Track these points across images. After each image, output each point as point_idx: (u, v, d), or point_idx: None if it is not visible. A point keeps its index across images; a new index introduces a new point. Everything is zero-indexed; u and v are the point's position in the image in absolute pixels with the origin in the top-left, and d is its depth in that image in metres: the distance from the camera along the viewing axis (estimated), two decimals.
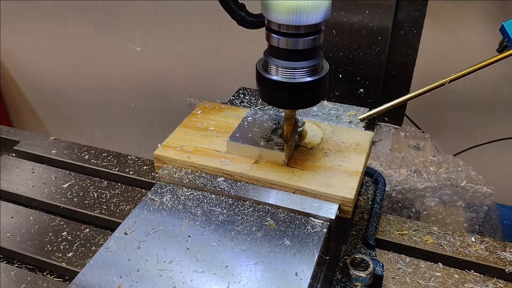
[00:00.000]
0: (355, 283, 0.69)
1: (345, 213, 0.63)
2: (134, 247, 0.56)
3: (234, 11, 0.70)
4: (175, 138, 0.73)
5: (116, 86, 1.97)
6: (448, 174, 1.20)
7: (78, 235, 0.82)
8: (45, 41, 1.96)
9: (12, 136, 1.07)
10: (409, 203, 1.20)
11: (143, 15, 1.74)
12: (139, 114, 2.00)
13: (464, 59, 1.38)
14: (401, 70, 1.00)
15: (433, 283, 0.75)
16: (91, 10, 1.78)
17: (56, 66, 2.04)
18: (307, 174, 0.65)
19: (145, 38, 1.80)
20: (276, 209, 0.62)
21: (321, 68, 0.62)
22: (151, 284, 0.52)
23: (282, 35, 0.57)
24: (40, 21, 1.90)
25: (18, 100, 2.24)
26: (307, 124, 0.74)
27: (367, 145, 0.71)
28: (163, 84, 1.88)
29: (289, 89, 0.60)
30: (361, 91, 0.99)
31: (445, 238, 0.82)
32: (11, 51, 2.07)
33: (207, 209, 0.62)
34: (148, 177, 0.94)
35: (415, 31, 0.94)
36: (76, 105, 2.14)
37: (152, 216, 0.61)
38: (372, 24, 0.93)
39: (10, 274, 0.76)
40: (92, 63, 1.97)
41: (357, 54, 0.97)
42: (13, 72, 2.16)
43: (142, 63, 1.87)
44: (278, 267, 0.54)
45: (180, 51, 1.77)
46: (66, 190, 0.91)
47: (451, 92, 1.44)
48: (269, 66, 0.60)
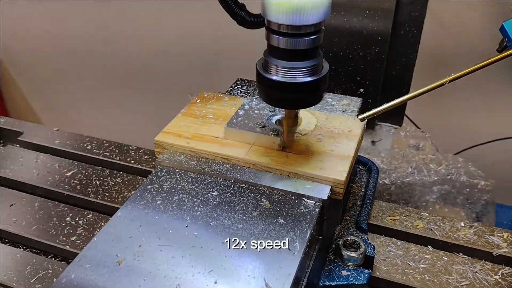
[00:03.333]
0: (347, 263, 0.72)
1: (337, 194, 0.66)
2: (136, 225, 0.59)
3: (234, 11, 0.72)
4: (175, 125, 0.76)
5: (116, 83, 2.00)
6: (447, 170, 1.23)
7: (81, 220, 0.85)
8: (46, 38, 1.99)
9: (16, 127, 1.10)
10: (408, 197, 1.23)
11: (143, 13, 1.76)
12: (140, 113, 2.03)
13: (464, 59, 1.41)
14: (401, 70, 1.01)
15: (423, 264, 0.78)
16: (89, 6, 1.80)
17: (55, 62, 2.07)
18: (301, 158, 0.68)
19: (145, 37, 1.82)
20: (271, 191, 0.65)
21: (321, 68, 0.62)
22: (151, 258, 0.55)
23: (282, 35, 0.58)
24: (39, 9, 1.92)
25: (17, 99, 2.27)
26: (301, 112, 0.77)
27: (358, 131, 0.74)
28: (163, 83, 1.91)
29: (289, 89, 0.60)
30: (361, 91, 1.00)
31: (435, 223, 0.85)
32: (11, 51, 2.10)
33: (205, 190, 0.65)
34: (148, 166, 0.97)
35: (415, 31, 0.95)
36: (76, 101, 2.16)
37: (153, 197, 0.64)
38: (372, 24, 0.93)
39: (16, 256, 0.79)
40: (92, 62, 1.99)
41: (357, 54, 0.97)
42: (12, 70, 2.19)
43: (142, 63, 1.89)
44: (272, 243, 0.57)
45: (180, 50, 1.79)
46: (69, 178, 0.94)
47: (451, 92, 1.45)
48: (269, 66, 0.61)
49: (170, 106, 1.77)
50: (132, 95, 1.99)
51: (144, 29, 1.81)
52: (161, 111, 1.92)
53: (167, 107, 1.83)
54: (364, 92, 1.02)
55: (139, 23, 1.80)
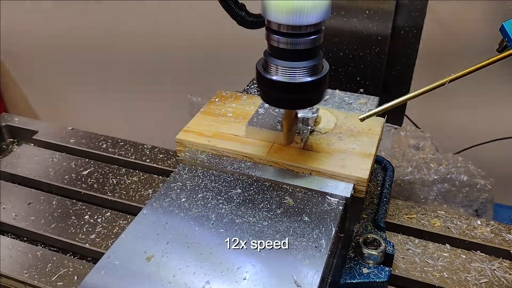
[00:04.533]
0: (367, 261, 0.72)
1: (359, 192, 0.66)
2: (162, 223, 0.60)
3: (234, 11, 0.72)
4: (195, 123, 0.76)
5: (116, 83, 2.00)
6: (447, 169, 1.23)
7: (99, 219, 0.85)
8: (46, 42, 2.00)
9: (31, 126, 1.10)
10: (408, 195, 1.23)
11: (143, 13, 1.77)
12: (140, 112, 2.03)
13: (464, 59, 1.41)
14: (401, 70, 1.00)
15: (442, 262, 0.78)
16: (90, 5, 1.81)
17: (57, 66, 2.07)
18: (322, 156, 0.69)
19: (145, 36, 1.83)
20: (294, 189, 0.66)
21: (321, 68, 0.62)
22: (180, 255, 0.55)
23: (282, 35, 0.58)
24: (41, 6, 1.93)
25: (17, 98, 2.27)
26: (321, 110, 0.78)
27: (378, 129, 0.75)
28: (163, 82, 1.91)
29: (289, 89, 0.61)
30: (361, 91, 1.01)
31: (452, 221, 0.86)
32: (11, 50, 2.10)
33: (228, 188, 0.66)
34: (164, 165, 0.98)
35: (415, 31, 0.95)
36: (76, 101, 2.17)
37: (177, 195, 0.64)
38: (372, 24, 0.93)
39: (37, 254, 0.79)
40: (92, 62, 1.99)
41: (357, 54, 0.97)
42: (12, 69, 2.19)
43: (142, 63, 1.90)
44: (298, 240, 0.57)
45: (179, 50, 1.80)
46: (86, 177, 0.95)
47: (451, 92, 1.46)
48: (269, 66, 0.61)
49: (170, 106, 1.79)
50: (133, 94, 1.99)
51: (144, 28, 1.81)
52: (161, 111, 1.93)
53: (167, 107, 1.85)
54: (364, 92, 1.02)
55: (139, 22, 1.81)
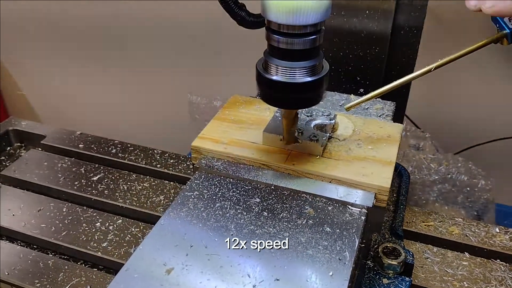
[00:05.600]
0: (387, 271, 0.71)
1: (381, 201, 0.64)
2: (181, 234, 0.58)
3: (234, 11, 0.71)
4: (210, 130, 0.74)
5: (116, 84, 1.98)
6: (447, 170, 1.22)
7: (111, 226, 0.84)
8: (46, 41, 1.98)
9: (38, 130, 1.09)
10: (408, 195, 1.22)
11: (144, 13, 1.75)
12: (140, 112, 2.01)
13: (464, 59, 1.39)
14: (401, 70, 0.99)
15: (461, 271, 0.77)
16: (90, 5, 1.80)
17: (56, 65, 2.06)
18: (341, 164, 0.67)
19: (146, 37, 1.81)
20: (314, 198, 0.64)
21: (321, 68, 0.62)
22: (200, 268, 0.54)
23: (282, 35, 0.57)
24: None
25: (18, 100, 2.26)
26: (338, 116, 0.76)
27: (398, 136, 0.73)
28: (163, 82, 1.89)
29: (289, 89, 0.60)
30: (361, 91, 1.00)
31: (470, 229, 0.84)
32: (11, 51, 2.09)
33: (246, 197, 0.64)
34: (175, 170, 0.96)
35: (415, 31, 0.94)
36: (76, 102, 2.15)
37: (194, 204, 0.63)
38: (372, 24, 0.93)
39: (48, 263, 0.78)
40: (92, 62, 1.98)
41: (357, 54, 0.97)
42: (13, 71, 2.18)
43: (142, 61, 1.88)
44: (321, 252, 0.56)
45: (179, 50, 1.78)
46: (96, 183, 0.93)
47: (451, 91, 1.45)
48: (269, 66, 0.60)
49: (170, 106, 1.77)
50: (133, 94, 1.98)
51: (143, 28, 1.79)
52: (161, 110, 1.92)
53: (167, 107, 1.83)
54: (364, 92, 1.01)
55: (139, 22, 1.79)
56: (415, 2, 0.92)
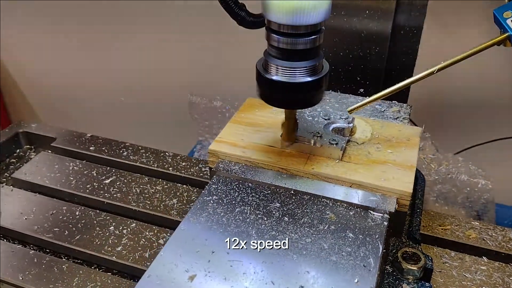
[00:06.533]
0: (407, 276, 0.70)
1: (403, 206, 0.64)
2: (202, 239, 0.57)
3: (234, 11, 0.71)
4: (227, 133, 0.74)
5: (116, 84, 1.97)
6: (448, 170, 1.22)
7: (125, 230, 0.83)
8: (46, 40, 1.97)
9: (49, 132, 1.08)
10: None
11: (144, 13, 1.74)
12: (140, 112, 2.00)
13: None
14: (401, 70, 1.00)
15: (480, 276, 0.76)
16: (91, 7, 1.79)
17: (56, 65, 2.04)
18: (361, 168, 0.66)
19: (146, 36, 1.81)
20: (334, 203, 0.64)
21: (321, 68, 0.62)
22: (223, 274, 0.53)
23: (282, 35, 0.57)
24: (41, 20, 1.91)
25: (18, 100, 2.25)
26: (355, 120, 0.75)
27: (417, 139, 0.72)
28: (163, 82, 1.89)
29: (289, 89, 0.60)
30: (361, 91, 1.00)
31: (487, 233, 0.83)
32: (11, 51, 2.07)
33: (266, 202, 0.63)
34: (187, 173, 0.96)
35: (415, 31, 0.94)
36: (76, 102, 2.14)
37: (214, 209, 0.62)
38: (372, 24, 0.93)
39: (62, 268, 0.77)
40: (92, 62, 1.97)
41: (357, 54, 0.97)
42: (13, 71, 2.17)
43: (142, 61, 1.88)
44: (345, 259, 0.55)
45: (180, 49, 1.78)
46: (108, 186, 0.93)
47: (451, 92, 1.44)
48: (269, 66, 0.61)
49: (170, 105, 1.77)
50: (134, 95, 1.97)
51: (143, 30, 1.79)
52: (161, 110, 1.91)
53: (167, 106, 1.82)
54: (364, 92, 1.01)
55: (139, 23, 1.79)
56: (415, 2, 0.92)
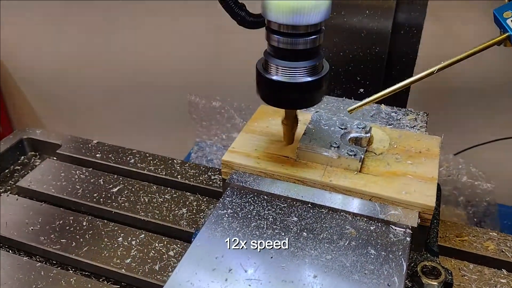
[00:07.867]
0: None
1: (425, 221, 0.61)
2: (218, 256, 0.55)
3: (234, 11, 0.70)
4: (240, 143, 0.71)
5: (116, 84, 1.96)
6: (448, 171, 1.20)
7: (134, 241, 0.81)
8: (46, 39, 1.95)
9: (53, 139, 1.06)
10: None
11: (143, 13, 1.73)
12: (140, 112, 1.99)
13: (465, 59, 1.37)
14: (401, 70, 0.99)
15: None
16: (91, 7, 1.77)
17: (56, 65, 2.03)
18: (381, 180, 0.64)
19: (145, 36, 1.79)
20: (354, 217, 0.61)
21: (321, 68, 0.62)
22: None
23: (282, 35, 0.57)
24: (41, 18, 1.89)
25: (19, 101, 2.23)
26: (372, 129, 0.73)
27: (437, 150, 0.70)
28: (163, 82, 1.87)
29: (289, 89, 0.60)
30: (361, 91, 0.99)
31: (506, 244, 0.81)
32: (11, 51, 2.06)
33: (283, 216, 0.61)
34: (196, 181, 0.93)
35: (415, 31, 0.94)
36: (76, 103, 2.13)
37: (229, 224, 0.60)
38: (372, 24, 0.92)
39: (70, 281, 0.74)
40: (92, 62, 1.95)
41: (357, 54, 0.96)
42: (13, 71, 2.15)
43: (142, 61, 1.86)
44: (368, 277, 0.53)
45: (180, 49, 1.76)
46: (116, 195, 0.90)
47: (451, 92, 1.43)
48: (269, 66, 0.60)
49: (170, 107, 1.75)
50: (134, 96, 1.96)
51: (143, 30, 1.77)
52: (161, 111, 1.89)
53: (167, 108, 1.80)
54: (364, 92, 1.01)
55: (138, 24, 1.77)
56: (415, 2, 0.91)
